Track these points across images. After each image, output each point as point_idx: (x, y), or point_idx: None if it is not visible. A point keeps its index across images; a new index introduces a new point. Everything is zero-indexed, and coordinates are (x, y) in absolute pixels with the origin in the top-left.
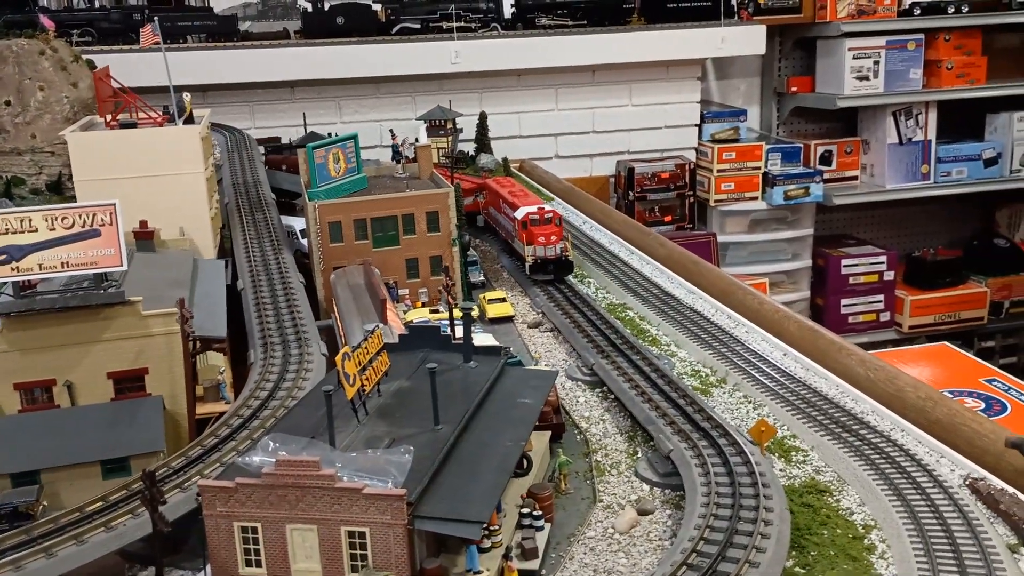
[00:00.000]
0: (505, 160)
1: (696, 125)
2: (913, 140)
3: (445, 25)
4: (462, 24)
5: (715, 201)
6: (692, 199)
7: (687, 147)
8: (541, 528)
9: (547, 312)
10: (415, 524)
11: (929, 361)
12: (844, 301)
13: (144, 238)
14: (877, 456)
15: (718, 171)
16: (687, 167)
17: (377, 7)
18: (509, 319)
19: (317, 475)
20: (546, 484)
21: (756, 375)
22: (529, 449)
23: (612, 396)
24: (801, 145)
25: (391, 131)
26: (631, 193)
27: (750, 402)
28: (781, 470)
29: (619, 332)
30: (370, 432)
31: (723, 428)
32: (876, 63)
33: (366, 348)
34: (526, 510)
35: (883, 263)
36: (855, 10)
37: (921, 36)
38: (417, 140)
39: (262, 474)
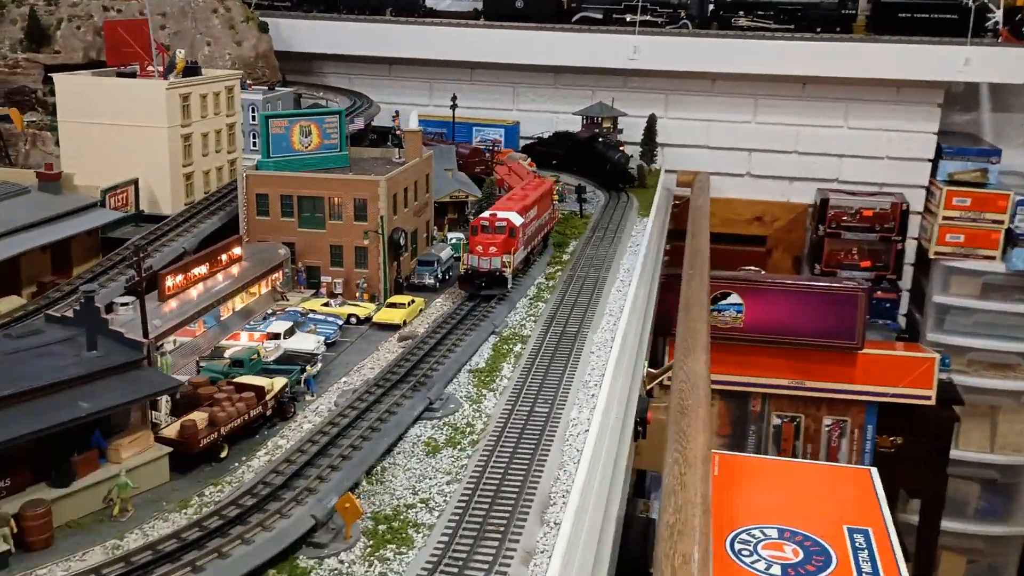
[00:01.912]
0: (640, 167)
1: (929, 160)
2: None
3: (628, 18)
4: (648, 18)
5: (936, 253)
6: (901, 246)
7: (915, 184)
8: None
9: (428, 328)
10: None
11: (822, 483)
12: None
13: (48, 180)
14: None
15: (944, 218)
16: (900, 207)
17: None
18: (394, 327)
19: None
20: (42, 502)
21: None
22: (116, 461)
23: None
24: None
25: (396, 112)
26: (821, 227)
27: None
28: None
29: (437, 367)
30: None
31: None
32: None
33: None
34: None
35: None
36: None
37: None
38: (407, 123)
39: None
